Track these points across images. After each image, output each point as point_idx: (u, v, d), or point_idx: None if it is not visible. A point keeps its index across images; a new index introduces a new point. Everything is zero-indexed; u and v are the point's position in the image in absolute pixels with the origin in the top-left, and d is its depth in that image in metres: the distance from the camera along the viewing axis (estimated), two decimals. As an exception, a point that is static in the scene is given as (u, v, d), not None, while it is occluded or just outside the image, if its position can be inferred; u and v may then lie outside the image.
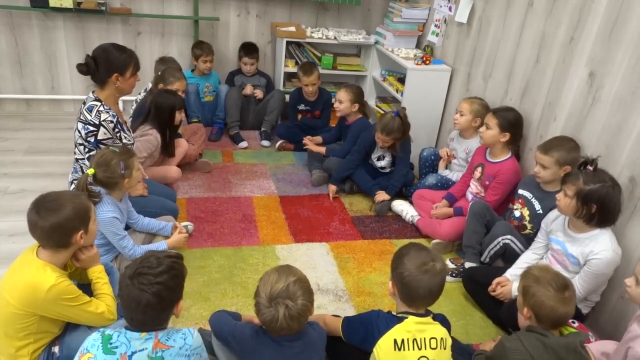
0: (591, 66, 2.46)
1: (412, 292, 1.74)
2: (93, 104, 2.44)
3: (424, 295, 1.74)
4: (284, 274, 1.66)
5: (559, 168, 2.48)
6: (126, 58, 2.46)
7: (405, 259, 1.77)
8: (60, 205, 1.73)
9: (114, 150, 2.29)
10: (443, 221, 2.96)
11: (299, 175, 3.68)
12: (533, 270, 1.90)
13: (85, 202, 1.81)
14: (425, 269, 1.73)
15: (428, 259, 1.75)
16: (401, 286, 1.76)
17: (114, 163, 2.25)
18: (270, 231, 2.98)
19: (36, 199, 1.76)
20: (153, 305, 1.53)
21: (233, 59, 4.43)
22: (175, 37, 4.26)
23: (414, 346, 1.72)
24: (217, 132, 4.09)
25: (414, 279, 1.72)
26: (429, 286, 1.73)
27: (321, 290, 2.54)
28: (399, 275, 1.76)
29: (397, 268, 1.78)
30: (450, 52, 3.74)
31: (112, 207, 2.29)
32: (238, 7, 4.27)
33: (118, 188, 2.31)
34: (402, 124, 3.19)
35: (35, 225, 1.73)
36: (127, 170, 2.27)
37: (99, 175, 2.25)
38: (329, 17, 4.48)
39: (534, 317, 1.80)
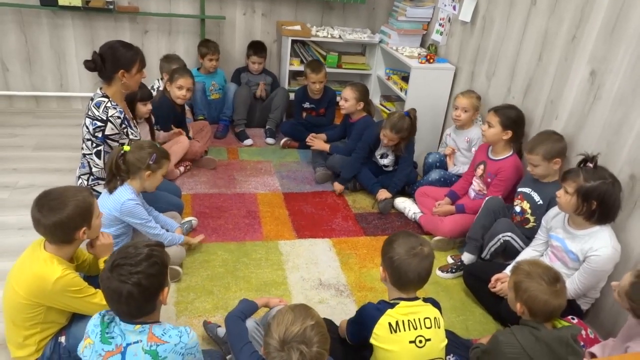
0: (593, 64, 2.47)
1: (403, 275, 1.78)
2: (100, 100, 2.49)
3: (413, 279, 1.79)
4: (301, 315, 1.48)
5: (548, 163, 2.50)
6: (132, 55, 2.51)
7: (394, 244, 1.82)
8: (62, 204, 1.77)
9: (155, 143, 2.38)
10: (445, 218, 2.98)
11: (303, 172, 3.71)
12: (523, 265, 1.91)
13: (88, 198, 1.85)
14: (414, 252, 1.78)
15: (417, 244, 1.80)
16: (391, 270, 1.80)
17: (148, 151, 2.32)
18: (274, 227, 3.01)
19: (39, 197, 1.80)
20: (135, 296, 1.50)
21: (238, 57, 4.47)
22: (182, 35, 4.31)
23: (409, 326, 1.76)
24: (223, 130, 4.13)
25: (403, 263, 1.77)
26: (418, 270, 1.78)
27: (323, 285, 2.57)
28: (389, 260, 1.81)
29: (388, 253, 1.82)
30: (454, 50, 3.76)
31: (132, 194, 2.33)
32: (244, 6, 4.31)
33: (138, 177, 2.35)
34: (411, 125, 3.21)
35: (38, 223, 1.78)
36: (155, 165, 2.33)
37: (128, 155, 2.31)
38: (334, 16, 4.51)
39: (527, 311, 1.81)
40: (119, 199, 2.29)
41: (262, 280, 2.56)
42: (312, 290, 2.53)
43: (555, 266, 2.32)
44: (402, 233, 1.87)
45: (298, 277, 2.61)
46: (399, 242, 1.80)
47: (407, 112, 3.24)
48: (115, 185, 2.32)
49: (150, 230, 2.36)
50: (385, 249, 1.84)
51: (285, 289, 2.52)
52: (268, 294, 2.47)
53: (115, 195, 2.31)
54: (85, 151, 2.59)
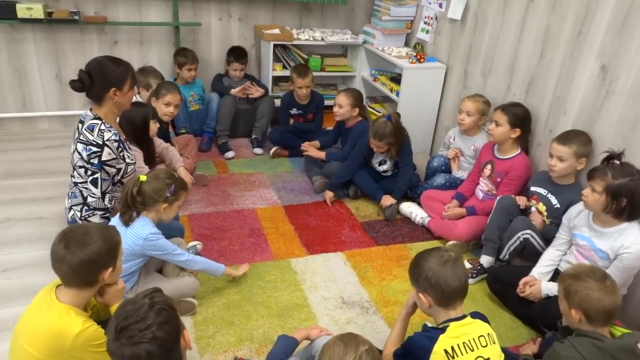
0: (602, 59, 2.46)
1: (445, 287, 1.70)
2: (93, 123, 2.26)
3: (456, 287, 1.71)
4: (352, 343, 1.41)
5: (576, 160, 2.48)
6: (123, 71, 2.29)
7: (421, 263, 1.76)
8: (90, 239, 1.58)
9: (173, 174, 2.18)
10: (458, 222, 2.92)
11: (299, 182, 3.57)
12: (568, 270, 1.88)
13: (115, 236, 1.66)
14: (444, 260, 1.72)
15: (441, 252, 1.76)
16: (432, 289, 1.72)
17: (166, 183, 2.12)
18: (282, 244, 2.86)
19: (64, 232, 1.60)
20: (156, 353, 1.31)
21: (216, 64, 4.26)
22: (155, 44, 4.06)
23: (466, 350, 1.67)
24: (208, 142, 3.92)
25: (440, 275, 1.70)
26: (457, 275, 1.71)
27: (347, 304, 2.45)
28: (425, 280, 1.73)
29: (420, 274, 1.75)
30: (443, 49, 3.71)
31: (153, 227, 2.14)
32: (219, 11, 4.10)
33: (154, 210, 2.15)
34: (394, 129, 3.09)
35: (62, 261, 1.57)
36: (173, 197, 2.13)
37: (144, 186, 2.10)
38: (312, 18, 4.37)
39: (583, 317, 1.75)
40: (140, 234, 2.09)
41: (282, 304, 2.40)
42: (337, 310, 2.40)
43: (583, 265, 2.31)
44: (420, 252, 1.82)
45: (319, 297, 2.47)
46: (424, 259, 1.75)
47: (388, 116, 3.12)
48: (131, 217, 2.11)
49: (178, 258, 2.20)
50: (415, 273, 1.77)
51: (309, 311, 2.38)
52: (291, 318, 2.32)
53: (135, 229, 2.10)
54: (77, 179, 2.35)
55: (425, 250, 1.82)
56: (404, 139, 3.18)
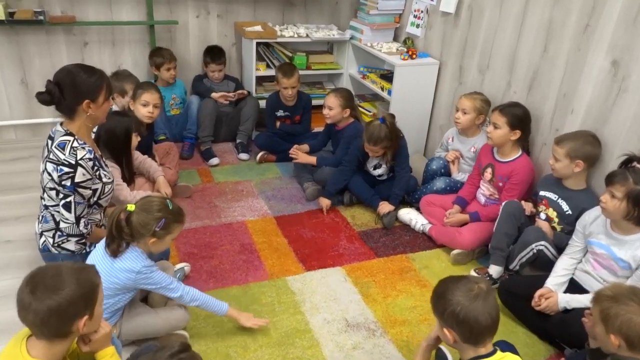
0: (614, 54, 2.31)
1: (474, 325, 1.52)
2: (65, 140, 2.01)
3: (487, 324, 1.54)
4: None
5: (570, 161, 2.35)
6: (96, 80, 2.04)
7: (448, 295, 1.57)
8: (62, 283, 1.35)
9: (168, 203, 1.92)
10: (462, 229, 2.76)
11: (289, 189, 3.36)
12: (604, 291, 1.72)
13: (93, 278, 1.43)
14: (474, 294, 1.53)
15: (472, 284, 1.57)
16: (459, 327, 1.54)
17: (155, 216, 1.86)
18: (276, 260, 2.66)
19: (31, 274, 1.37)
20: None
21: (195, 65, 4.01)
22: (128, 45, 3.78)
23: None
24: (189, 148, 3.68)
25: (469, 311, 1.52)
26: (488, 310, 1.53)
27: (351, 326, 2.26)
28: (451, 316, 1.54)
29: (446, 308, 1.56)
30: (435, 43, 3.53)
31: (146, 259, 1.92)
32: (197, 8, 3.84)
33: (142, 243, 1.91)
34: (389, 132, 2.91)
35: (28, 309, 1.34)
36: (163, 231, 1.88)
37: (133, 216, 1.86)
38: (295, 13, 4.14)
39: (624, 343, 1.61)
40: (132, 267, 1.86)
41: (282, 331, 2.21)
42: (341, 334, 2.22)
43: (601, 275, 2.18)
44: (445, 281, 1.63)
45: (321, 320, 2.28)
46: (450, 290, 1.56)
47: (382, 118, 2.93)
48: (119, 248, 1.87)
49: (173, 293, 1.95)
50: (439, 305, 1.58)
51: (311, 337, 2.19)
52: (293, 346, 2.13)
53: (125, 262, 1.87)
54: (47, 202, 2.10)
55: (450, 279, 1.63)
56: (400, 141, 3.00)
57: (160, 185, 2.74)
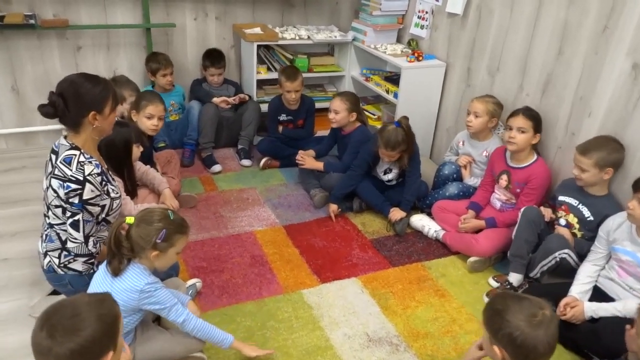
0: (635, 57, 2.26)
1: (531, 353, 1.44)
2: (70, 154, 1.89)
3: (544, 353, 1.46)
4: None
5: (599, 171, 2.30)
6: (102, 90, 1.92)
7: (507, 316, 1.47)
8: (82, 323, 1.23)
9: (168, 213, 1.80)
10: (479, 236, 2.69)
11: (296, 197, 3.27)
12: None
13: (112, 308, 1.32)
14: (537, 321, 1.44)
15: (536, 309, 1.46)
16: (514, 350, 1.46)
17: (156, 227, 1.75)
18: (290, 273, 2.56)
19: (46, 316, 1.25)
20: None
21: (193, 68, 3.89)
22: (124, 48, 3.65)
23: None
24: (190, 155, 3.56)
25: (529, 338, 1.43)
26: (548, 340, 1.44)
27: (373, 341, 2.18)
28: (507, 338, 1.45)
29: (502, 329, 1.47)
30: (441, 45, 3.47)
31: (149, 275, 1.80)
32: (194, 10, 3.72)
33: (145, 258, 1.80)
34: (406, 135, 2.85)
35: (47, 354, 1.22)
36: (165, 243, 1.77)
37: (133, 230, 1.76)
38: (295, 14, 4.05)
39: None
40: (135, 285, 1.75)
41: (302, 349, 2.12)
42: (364, 350, 2.14)
43: (627, 282, 2.13)
44: (506, 298, 1.53)
45: (341, 336, 2.20)
46: (511, 311, 1.45)
47: (397, 122, 2.86)
48: (120, 265, 1.77)
49: (176, 318, 1.82)
50: (495, 323, 1.48)
51: (334, 354, 2.10)
52: (315, 365, 2.04)
53: (128, 280, 1.76)
54: (52, 220, 1.98)
55: (511, 297, 1.52)
56: (415, 145, 2.93)
57: (167, 198, 2.63)
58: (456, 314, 2.37)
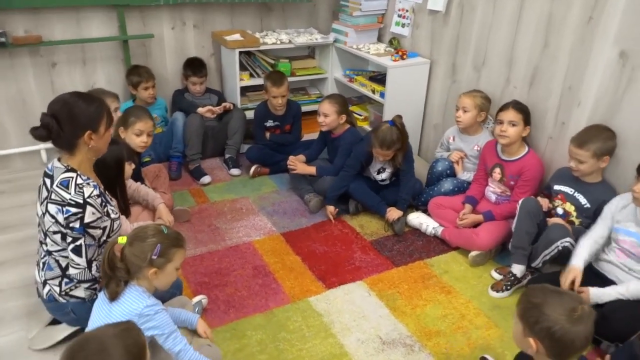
0: (621, 45, 2.31)
1: (569, 346, 1.44)
2: (67, 177, 1.82)
3: (580, 347, 1.46)
4: None
5: (596, 160, 2.34)
6: (97, 108, 1.86)
7: (545, 309, 1.46)
8: (109, 357, 1.19)
9: (162, 228, 1.74)
10: (478, 230, 2.71)
11: (290, 203, 3.24)
12: None
13: (139, 338, 1.28)
14: (577, 316, 1.43)
15: (575, 303, 1.46)
16: (551, 343, 1.45)
17: (150, 243, 1.70)
18: (294, 281, 2.53)
19: (70, 352, 1.20)
20: None
21: (173, 79, 3.80)
22: (101, 62, 3.54)
23: None
24: (177, 168, 3.48)
25: (568, 333, 1.42)
26: (586, 335, 1.44)
27: (387, 344, 2.17)
28: (546, 331, 1.45)
29: (540, 322, 1.46)
30: (423, 42, 3.49)
31: (148, 297, 1.73)
32: (171, 19, 3.64)
33: (143, 277, 1.74)
34: (400, 134, 2.86)
35: None
36: (161, 259, 1.71)
37: (126, 249, 1.70)
38: (273, 19, 4.01)
39: None
40: (133, 309, 1.68)
41: (318, 358, 2.08)
42: (379, 354, 2.12)
43: (626, 264, 2.17)
44: (544, 291, 1.51)
45: (355, 341, 2.18)
46: (550, 305, 1.45)
47: (391, 121, 2.86)
48: (118, 288, 1.71)
49: (173, 346, 1.73)
50: (532, 315, 1.47)
51: (349, 361, 2.09)
52: (333, 373, 2.02)
53: (125, 304, 1.69)
54: (51, 247, 1.90)
55: (550, 291, 1.50)
56: (408, 143, 2.93)
57: (162, 214, 2.56)
58: (464, 310, 2.38)
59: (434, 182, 3.08)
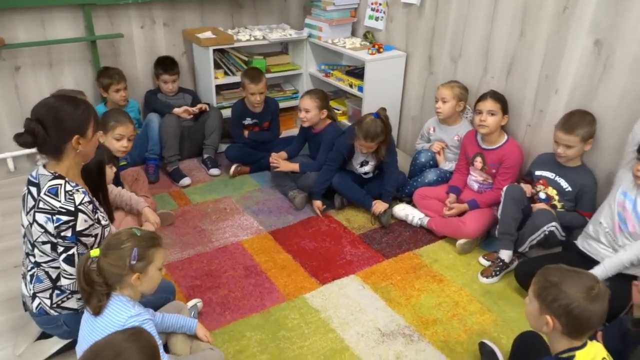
0: (596, 34, 2.39)
1: (585, 324, 1.48)
2: (55, 184, 1.73)
3: (595, 324, 1.50)
4: None
5: (583, 144, 2.42)
6: (84, 112, 1.78)
7: (563, 287, 1.49)
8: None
9: (134, 231, 1.67)
10: (465, 219, 2.76)
11: (274, 200, 3.21)
12: None
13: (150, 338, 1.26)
14: (595, 294, 1.46)
15: (592, 282, 1.49)
16: (568, 320, 1.48)
17: (125, 248, 1.63)
18: (287, 279, 2.51)
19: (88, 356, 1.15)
20: None
21: (144, 80, 3.70)
22: (68, 65, 3.40)
23: None
24: (155, 171, 3.39)
25: (586, 310, 1.46)
26: (602, 313, 1.49)
27: (387, 336, 2.18)
28: (563, 308, 1.48)
29: (558, 299, 1.49)
30: (398, 35, 3.51)
31: (132, 306, 1.67)
32: (140, 18, 3.53)
33: (126, 285, 1.68)
34: (384, 126, 2.88)
35: None
36: (141, 262, 1.65)
37: (102, 261, 1.63)
38: (244, 15, 3.95)
39: None
40: (116, 320, 1.62)
41: (320, 354, 2.08)
42: (379, 345, 2.13)
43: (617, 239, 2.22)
44: (561, 270, 1.54)
45: (355, 335, 2.18)
46: (567, 282, 1.48)
47: (376, 113, 2.88)
48: (100, 302, 1.64)
49: None
50: (550, 293, 1.49)
51: (352, 354, 2.08)
52: (336, 369, 2.01)
53: (109, 316, 1.63)
54: (39, 259, 1.81)
55: (567, 270, 1.53)
56: (391, 135, 2.96)
57: (148, 216, 2.49)
58: (457, 297, 2.43)
59: (417, 173, 3.12)
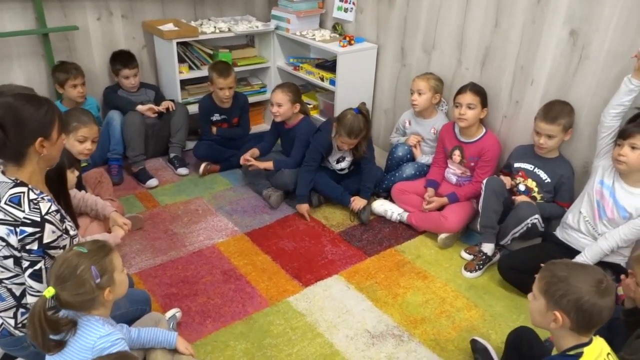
0: (572, 24, 2.40)
1: (595, 319, 1.45)
2: (17, 192, 1.56)
3: (605, 318, 1.47)
4: None
5: (564, 134, 2.43)
6: (47, 111, 1.61)
7: (572, 281, 1.45)
8: None
9: (79, 250, 1.51)
10: (446, 213, 2.73)
11: (248, 200, 3.08)
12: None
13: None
14: (604, 287, 1.44)
15: (600, 275, 1.47)
16: (578, 315, 1.44)
17: (82, 271, 1.48)
18: (269, 282, 2.41)
19: None
20: None
21: (102, 75, 3.47)
22: (18, 59, 3.14)
23: None
24: (118, 172, 3.19)
25: (596, 304, 1.43)
26: (610, 307, 1.46)
27: (376, 337, 2.12)
28: (573, 303, 1.44)
29: (567, 295, 1.45)
30: (369, 27, 3.44)
31: (103, 325, 1.54)
32: (96, 9, 3.30)
33: (99, 304, 1.54)
34: (365, 121, 2.81)
35: None
36: (105, 276, 1.52)
37: (63, 296, 1.47)
38: (208, 7, 3.77)
39: None
40: (86, 343, 1.49)
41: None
42: (370, 348, 2.07)
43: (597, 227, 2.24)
44: (568, 265, 1.51)
45: (344, 338, 2.11)
46: (576, 277, 1.44)
47: (357, 109, 2.81)
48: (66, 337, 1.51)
49: None
50: (559, 289, 1.45)
51: (342, 359, 2.01)
52: (328, 375, 1.93)
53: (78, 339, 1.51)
54: (1, 275, 1.63)
55: (574, 265, 1.51)
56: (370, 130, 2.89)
57: (117, 221, 2.31)
58: (443, 293, 2.39)
59: (394, 167, 3.07)
